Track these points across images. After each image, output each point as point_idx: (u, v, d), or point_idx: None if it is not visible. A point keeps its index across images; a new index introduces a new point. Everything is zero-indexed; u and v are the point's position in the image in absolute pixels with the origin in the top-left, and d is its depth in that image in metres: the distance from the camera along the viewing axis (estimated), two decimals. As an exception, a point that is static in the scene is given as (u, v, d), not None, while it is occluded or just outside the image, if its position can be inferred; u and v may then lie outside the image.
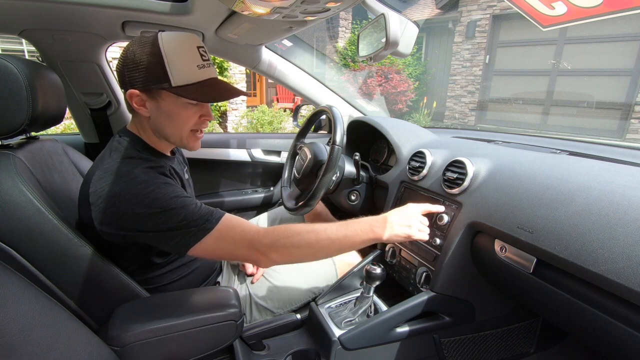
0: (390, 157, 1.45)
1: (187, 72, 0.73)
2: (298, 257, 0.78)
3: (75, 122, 1.51)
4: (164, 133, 0.80)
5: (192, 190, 1.02)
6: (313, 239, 0.76)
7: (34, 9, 1.03)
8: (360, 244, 0.81)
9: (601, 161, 0.86)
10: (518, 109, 7.20)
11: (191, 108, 0.78)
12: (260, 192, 1.79)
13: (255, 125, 6.83)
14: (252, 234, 0.74)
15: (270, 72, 1.59)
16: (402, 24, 0.77)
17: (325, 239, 0.77)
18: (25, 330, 0.49)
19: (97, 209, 0.70)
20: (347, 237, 0.79)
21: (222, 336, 0.77)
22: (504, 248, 0.79)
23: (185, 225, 0.69)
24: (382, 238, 0.82)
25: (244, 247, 0.73)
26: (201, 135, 0.85)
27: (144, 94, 0.75)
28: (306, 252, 0.77)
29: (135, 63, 0.72)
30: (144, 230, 0.69)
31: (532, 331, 1.06)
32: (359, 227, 0.81)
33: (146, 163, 0.76)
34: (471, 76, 7.66)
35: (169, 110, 0.76)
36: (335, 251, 0.80)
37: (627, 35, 5.60)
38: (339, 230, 0.79)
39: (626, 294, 0.56)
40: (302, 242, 0.76)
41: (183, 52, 0.73)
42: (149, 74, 0.72)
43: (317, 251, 0.78)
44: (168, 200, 0.70)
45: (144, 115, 0.78)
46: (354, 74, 8.31)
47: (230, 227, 0.73)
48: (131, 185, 0.69)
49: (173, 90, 0.73)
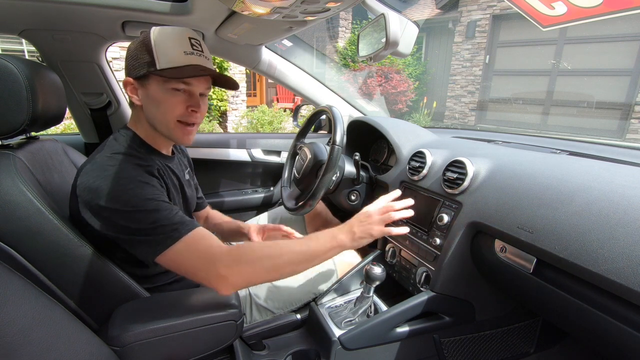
0: (390, 157, 1.45)
1: (172, 56, 0.75)
2: (261, 274, 0.74)
3: (75, 122, 1.51)
4: (154, 122, 0.81)
5: (192, 191, 1.02)
6: (276, 253, 0.75)
7: (34, 9, 1.03)
8: (325, 253, 0.79)
9: (601, 161, 0.86)
10: (518, 109, 7.20)
11: (177, 95, 0.78)
12: (260, 192, 1.79)
13: (255, 125, 6.83)
14: (218, 249, 0.71)
15: (270, 72, 1.59)
16: (402, 24, 0.77)
17: (288, 252, 0.75)
18: (25, 330, 0.49)
19: (81, 200, 0.72)
20: (311, 248, 0.78)
21: (222, 336, 0.77)
22: (504, 248, 0.79)
23: (153, 230, 0.69)
24: (346, 244, 0.81)
25: (207, 263, 0.70)
26: (191, 129, 0.84)
27: (136, 82, 0.78)
28: (270, 268, 0.74)
29: (131, 54, 0.78)
30: (118, 227, 0.69)
31: (532, 331, 1.06)
32: (322, 237, 0.80)
33: (133, 159, 0.76)
34: (471, 76, 7.66)
35: (156, 96, 0.78)
36: (300, 265, 0.77)
37: (627, 35, 5.60)
38: (303, 244, 0.78)
39: (626, 294, 0.56)
40: (265, 258, 0.74)
41: (171, 38, 0.76)
42: (139, 61, 0.76)
43: (282, 267, 0.75)
44: (142, 200, 0.69)
45: (137, 103, 0.80)
46: (354, 74, 8.31)
47: (197, 239, 0.71)
48: (112, 180, 0.70)
49: (158, 73, 0.75)
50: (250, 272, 0.72)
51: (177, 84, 0.77)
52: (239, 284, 0.72)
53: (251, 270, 0.72)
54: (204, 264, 0.70)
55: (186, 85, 0.78)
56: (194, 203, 1.04)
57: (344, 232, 0.83)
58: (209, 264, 0.70)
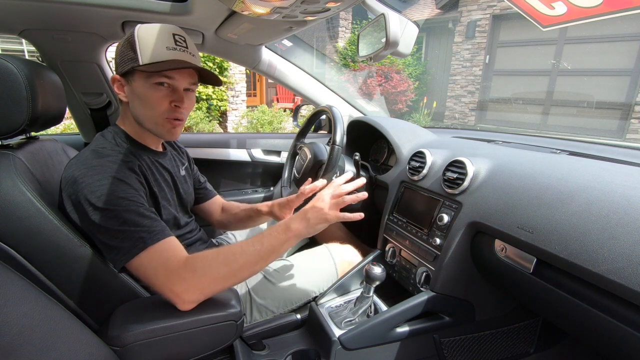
0: (390, 157, 1.45)
1: (155, 52, 0.76)
2: (218, 282, 0.72)
3: (75, 122, 1.51)
4: (140, 118, 0.82)
5: (189, 187, 1.02)
6: (231, 259, 0.72)
7: (34, 9, 1.03)
8: (281, 246, 0.77)
9: (601, 161, 0.86)
10: (518, 109, 7.20)
11: (160, 90, 0.78)
12: (260, 192, 1.79)
13: (255, 125, 6.83)
14: (175, 263, 0.69)
15: (270, 72, 1.59)
16: (402, 24, 0.77)
17: (242, 255, 0.73)
18: (25, 331, 0.49)
19: (64, 194, 0.73)
20: (264, 246, 0.76)
21: (222, 336, 0.77)
22: (504, 248, 0.79)
23: (121, 234, 0.68)
24: (302, 232, 0.79)
25: (162, 277, 0.68)
26: (178, 124, 0.84)
27: (122, 79, 0.80)
28: (227, 274, 0.72)
29: (117, 50, 0.80)
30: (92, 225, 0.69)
31: (532, 331, 1.06)
32: (275, 231, 0.78)
33: (114, 155, 0.76)
34: (471, 76, 7.66)
35: (140, 92, 0.78)
36: (258, 264, 0.75)
37: (627, 35, 5.60)
38: (256, 242, 0.76)
39: (626, 294, 0.56)
40: (220, 265, 0.72)
41: (154, 35, 0.77)
42: (123, 57, 0.78)
43: (238, 270, 0.73)
44: (115, 198, 0.69)
45: (124, 100, 0.81)
46: (354, 74, 8.31)
47: (160, 251, 0.69)
48: (91, 174, 0.70)
49: (140, 68, 0.76)
50: (207, 282, 0.70)
51: (159, 77, 0.77)
52: (194, 298, 0.70)
53: (207, 281, 0.70)
54: (159, 278, 0.68)
55: (169, 79, 0.78)
56: (191, 199, 1.04)
57: (298, 220, 0.80)
58: (164, 279, 0.68)
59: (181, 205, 0.97)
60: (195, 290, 0.69)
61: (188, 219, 0.99)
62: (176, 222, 0.91)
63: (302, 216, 0.81)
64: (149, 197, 0.80)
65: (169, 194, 0.89)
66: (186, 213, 1.00)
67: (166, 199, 0.87)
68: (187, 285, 0.69)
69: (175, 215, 0.90)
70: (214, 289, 0.72)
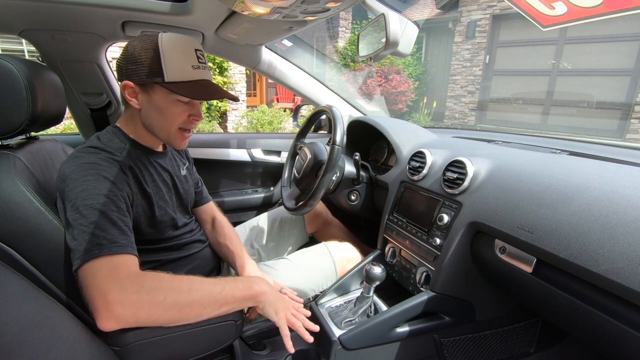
0: (390, 157, 1.45)
1: (181, 70, 0.76)
2: (158, 309, 0.64)
3: (75, 122, 1.51)
4: (153, 127, 0.83)
5: (189, 187, 1.02)
6: (185, 288, 0.68)
7: (34, 9, 1.03)
8: (237, 300, 0.74)
9: (601, 161, 0.86)
10: (518, 109, 7.20)
11: (181, 105, 0.80)
12: (260, 192, 1.79)
13: (255, 125, 6.83)
14: (133, 271, 0.65)
15: (270, 72, 1.59)
16: (402, 24, 0.77)
17: (199, 290, 0.69)
18: (25, 330, 0.49)
19: (58, 192, 0.73)
20: (225, 290, 0.72)
21: (222, 336, 0.77)
22: (504, 248, 0.79)
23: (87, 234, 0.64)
24: (260, 298, 0.77)
25: (109, 278, 0.62)
26: (189, 135, 0.87)
27: (137, 87, 0.78)
28: (172, 303, 0.65)
29: (134, 57, 0.76)
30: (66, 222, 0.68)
31: (532, 331, 1.06)
32: (240, 282, 0.77)
33: (105, 153, 0.76)
34: (471, 76, 7.66)
35: (159, 105, 0.79)
36: (208, 307, 0.70)
37: (627, 35, 5.60)
38: (217, 283, 0.73)
39: (626, 294, 0.56)
40: (171, 290, 0.66)
41: (179, 51, 0.76)
42: (145, 68, 0.75)
43: (187, 305, 0.67)
44: (94, 195, 0.68)
45: (135, 107, 0.81)
46: (354, 74, 8.31)
47: (117, 264, 0.64)
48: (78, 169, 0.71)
49: (165, 86, 0.76)
50: (147, 303, 0.63)
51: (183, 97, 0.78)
52: (123, 316, 0.61)
53: (148, 302, 0.63)
54: (97, 283, 0.62)
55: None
56: (191, 199, 1.04)
57: (264, 285, 0.79)
58: (101, 283, 0.61)
59: (181, 205, 0.97)
60: (131, 307, 0.61)
61: (187, 220, 0.99)
62: (174, 223, 0.91)
63: (268, 286, 0.80)
64: (139, 197, 0.80)
65: (167, 195, 0.89)
66: (186, 213, 1.00)
67: (163, 199, 0.87)
68: (124, 297, 0.61)
69: (173, 217, 0.90)
70: (150, 316, 0.64)
